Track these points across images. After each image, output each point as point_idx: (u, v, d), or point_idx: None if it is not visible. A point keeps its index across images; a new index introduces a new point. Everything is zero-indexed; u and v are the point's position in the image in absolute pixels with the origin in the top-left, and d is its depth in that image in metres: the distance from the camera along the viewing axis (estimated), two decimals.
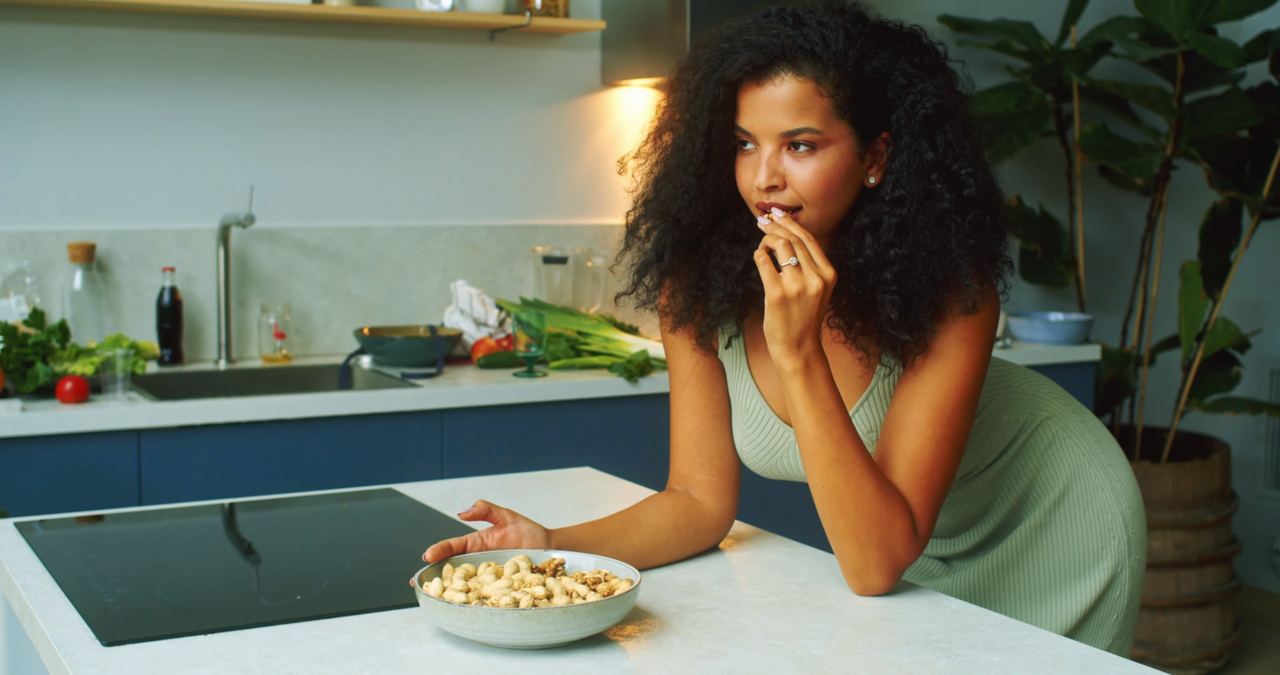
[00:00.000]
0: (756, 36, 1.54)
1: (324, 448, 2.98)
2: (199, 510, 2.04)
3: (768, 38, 1.53)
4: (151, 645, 1.39)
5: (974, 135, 1.61)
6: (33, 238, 3.27)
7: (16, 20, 3.24)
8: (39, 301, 3.24)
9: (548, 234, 3.88)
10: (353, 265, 3.64)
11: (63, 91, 3.30)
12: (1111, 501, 1.82)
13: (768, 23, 1.55)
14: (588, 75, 3.91)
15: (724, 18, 1.61)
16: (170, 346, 3.33)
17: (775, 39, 1.52)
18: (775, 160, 1.54)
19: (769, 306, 1.51)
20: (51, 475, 2.73)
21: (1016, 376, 1.86)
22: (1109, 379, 4.33)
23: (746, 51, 1.53)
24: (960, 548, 1.87)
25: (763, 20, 1.56)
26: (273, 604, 1.53)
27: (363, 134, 3.64)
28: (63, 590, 1.57)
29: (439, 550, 1.50)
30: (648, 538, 1.68)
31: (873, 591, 1.58)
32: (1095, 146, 4.17)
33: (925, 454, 1.58)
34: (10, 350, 2.84)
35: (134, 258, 3.38)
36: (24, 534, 1.83)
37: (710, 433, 1.75)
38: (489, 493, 2.11)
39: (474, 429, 3.14)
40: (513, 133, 3.83)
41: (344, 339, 3.63)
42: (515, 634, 1.35)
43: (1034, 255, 4.47)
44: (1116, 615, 1.83)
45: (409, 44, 3.67)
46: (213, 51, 3.45)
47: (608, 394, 3.26)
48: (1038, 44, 4.34)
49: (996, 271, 1.60)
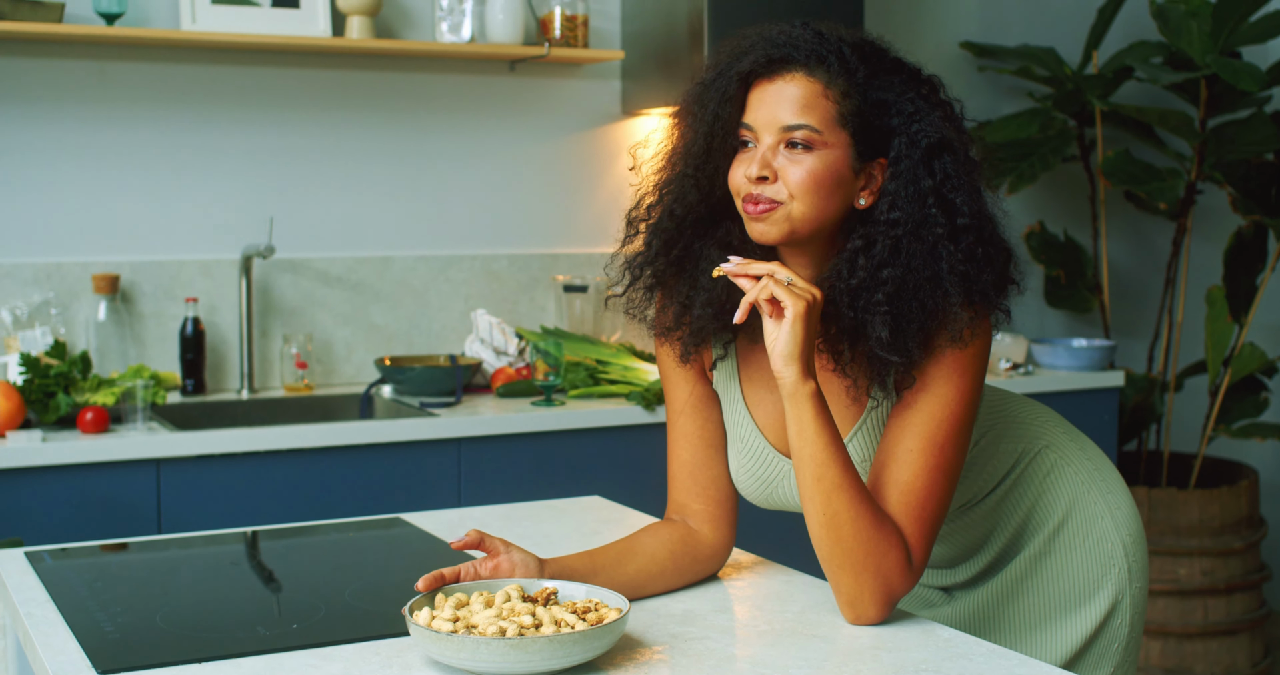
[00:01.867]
0: (777, 38, 1.59)
1: (342, 476, 3.01)
2: (206, 540, 2.06)
3: (787, 39, 1.59)
4: (145, 673, 1.41)
5: (975, 172, 1.61)
6: (58, 269, 3.32)
7: (42, 56, 3.30)
8: (64, 332, 3.29)
9: (569, 263, 3.90)
10: (374, 295, 3.67)
11: (87, 125, 3.36)
12: (1111, 529, 1.81)
13: (790, 29, 1.61)
14: (608, 105, 3.94)
15: None
16: (193, 376, 3.36)
17: (794, 42, 1.58)
18: (771, 155, 1.57)
19: (791, 322, 1.51)
20: (71, 504, 2.76)
21: (1014, 405, 1.86)
22: (1135, 405, 4.31)
23: (763, 47, 1.59)
24: (960, 577, 1.87)
25: (786, 27, 1.61)
26: (269, 632, 1.55)
27: (384, 164, 3.68)
28: (64, 618, 1.60)
29: (431, 580, 1.51)
30: (643, 566, 1.69)
31: (866, 621, 1.58)
32: (1118, 171, 4.16)
33: (918, 484, 1.58)
34: (33, 381, 2.88)
35: (157, 289, 3.42)
36: (33, 563, 1.86)
37: (705, 462, 1.76)
38: (496, 521, 2.13)
39: (491, 457, 3.16)
40: (534, 162, 3.86)
41: (366, 368, 3.66)
42: (501, 662, 1.36)
43: (1057, 281, 4.45)
44: (1118, 644, 1.82)
45: (429, 75, 3.71)
46: (234, 84, 3.49)
47: (625, 422, 3.27)
48: (1060, 69, 4.34)
49: (989, 304, 1.60)
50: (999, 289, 1.60)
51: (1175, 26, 4.11)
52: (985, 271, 1.57)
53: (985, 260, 1.58)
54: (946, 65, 4.47)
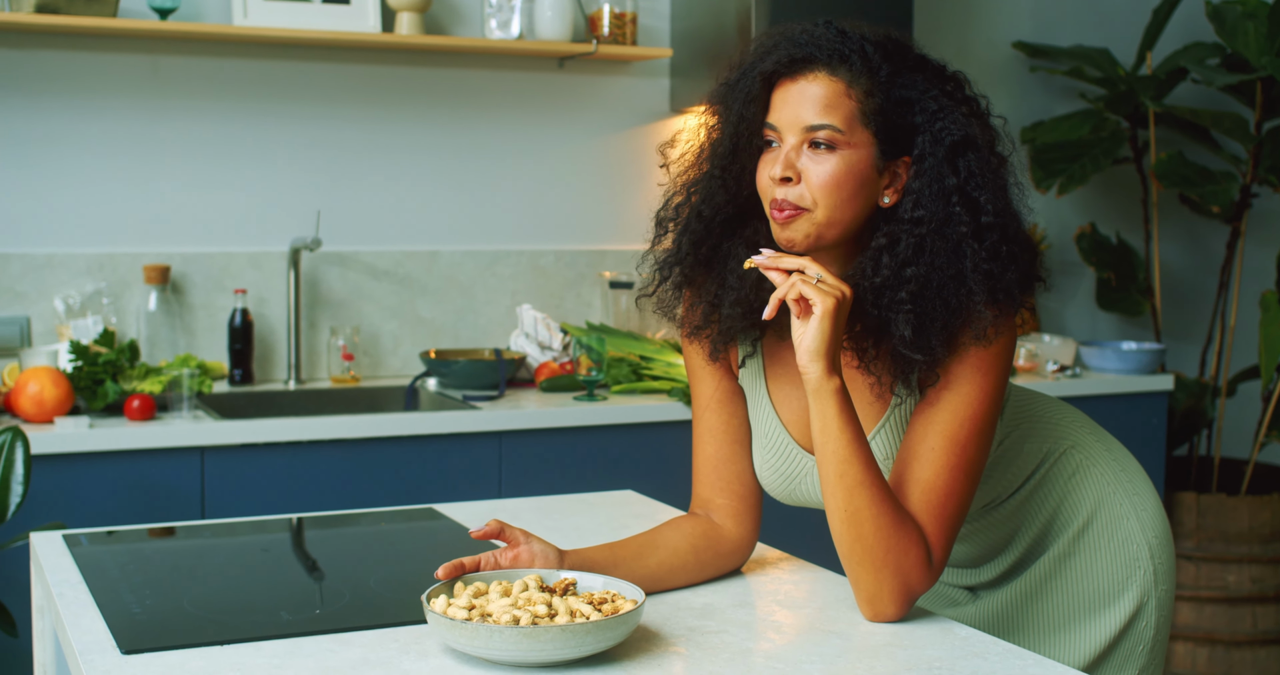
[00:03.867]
0: (799, 37, 1.60)
1: (384, 468, 3.04)
2: (241, 527, 2.09)
3: (809, 38, 1.59)
4: (168, 654, 1.44)
5: (1001, 170, 1.61)
6: (110, 260, 3.37)
7: (97, 50, 3.35)
8: (115, 322, 3.34)
9: (615, 259, 3.92)
10: (421, 289, 3.70)
11: (140, 118, 3.41)
12: (1137, 531, 1.80)
13: (814, 28, 1.61)
14: (657, 102, 3.95)
15: None
16: (241, 367, 3.41)
17: (816, 41, 1.58)
18: (794, 155, 1.57)
19: (819, 318, 1.52)
20: (117, 490, 2.81)
21: (1040, 405, 1.85)
22: (1185, 409, 4.27)
23: (786, 47, 1.59)
24: (984, 577, 1.87)
25: (809, 26, 1.62)
26: (291, 617, 1.57)
27: (433, 160, 3.71)
28: (95, 599, 1.63)
29: (451, 568, 1.53)
30: (664, 560, 1.70)
31: (884, 618, 1.58)
32: (1170, 174, 4.13)
33: (940, 482, 1.58)
34: (82, 368, 2.93)
35: (207, 280, 3.47)
36: (70, 546, 1.89)
37: (730, 457, 1.77)
38: (528, 514, 2.14)
39: (532, 451, 3.18)
40: (582, 159, 3.88)
41: (412, 361, 3.69)
42: (514, 651, 1.38)
43: (1109, 283, 4.42)
44: (1143, 646, 1.81)
45: (478, 71, 3.74)
46: (285, 79, 3.53)
47: (665, 418, 3.28)
48: (1113, 70, 4.30)
49: (1013, 302, 1.59)
50: (1023, 287, 1.60)
51: (1231, 27, 4.07)
52: (1009, 270, 1.57)
53: (1009, 258, 1.57)
54: (998, 65, 4.45)
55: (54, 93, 3.33)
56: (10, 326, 3.27)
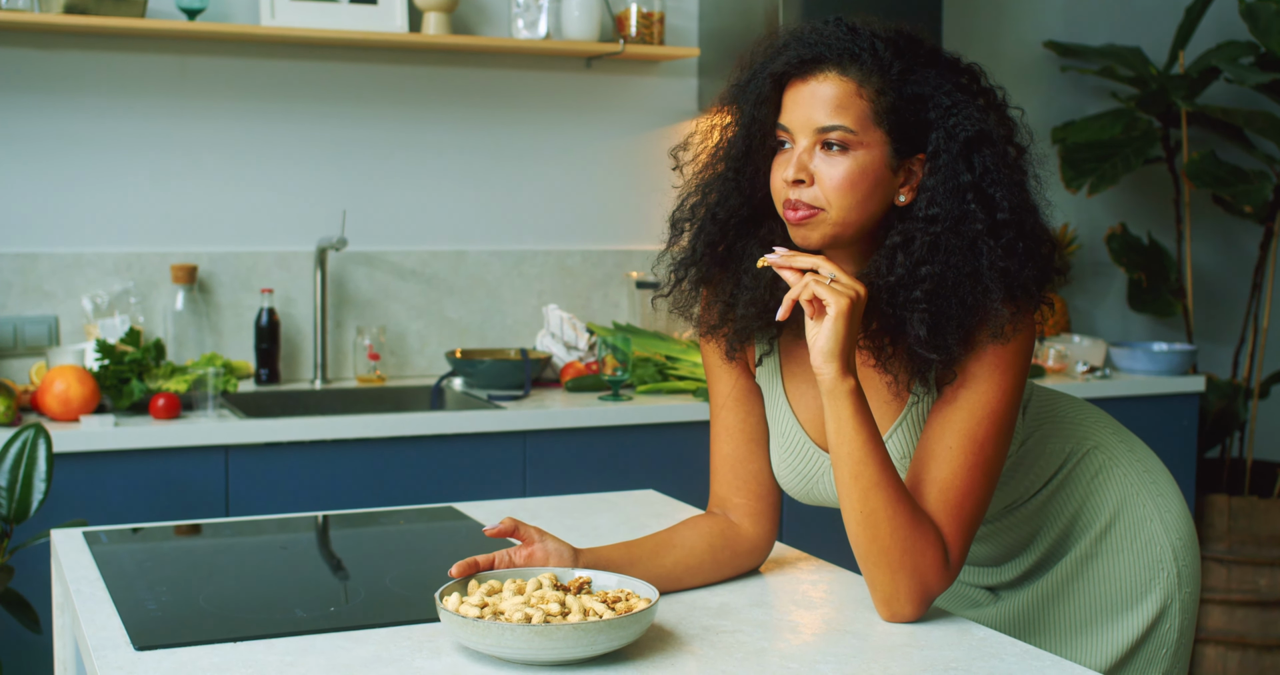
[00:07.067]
0: (809, 36, 1.58)
1: (408, 467, 3.04)
2: (263, 525, 2.09)
3: (818, 38, 1.58)
4: (180, 650, 1.44)
5: (1018, 164, 1.59)
6: (138, 259, 3.38)
7: (125, 50, 3.37)
8: (142, 321, 3.35)
9: (642, 259, 3.91)
10: (448, 288, 3.71)
11: (168, 118, 3.42)
12: (1160, 532, 1.78)
13: (823, 27, 1.60)
14: (684, 102, 3.94)
15: None
16: (267, 366, 3.42)
17: (826, 40, 1.57)
18: (807, 156, 1.56)
19: (833, 319, 1.50)
20: (141, 488, 2.82)
21: (1063, 406, 1.83)
22: (1218, 411, 4.22)
23: (796, 47, 1.58)
24: (1006, 577, 1.85)
25: (819, 25, 1.60)
26: (305, 615, 1.57)
27: (460, 159, 3.71)
28: (111, 596, 1.63)
29: (465, 566, 1.53)
30: (681, 559, 1.69)
31: (901, 619, 1.57)
32: (1202, 173, 4.09)
33: (957, 482, 1.57)
34: (108, 367, 2.95)
35: (234, 279, 3.48)
36: (89, 543, 1.90)
37: (746, 456, 1.76)
38: (548, 513, 2.14)
39: (557, 450, 3.17)
40: (609, 159, 3.87)
41: (438, 361, 3.69)
42: (526, 649, 1.37)
43: (1139, 284, 4.38)
44: (1167, 649, 1.79)
45: (505, 71, 3.74)
46: (312, 79, 3.54)
47: (690, 418, 3.27)
48: (1145, 69, 4.27)
49: (1030, 299, 1.57)
50: (1041, 283, 1.58)
51: (1265, 26, 4.02)
52: (1026, 266, 1.55)
53: (1026, 255, 1.55)
54: (1029, 65, 4.42)
55: (82, 93, 3.35)
56: (39, 326, 3.29)
